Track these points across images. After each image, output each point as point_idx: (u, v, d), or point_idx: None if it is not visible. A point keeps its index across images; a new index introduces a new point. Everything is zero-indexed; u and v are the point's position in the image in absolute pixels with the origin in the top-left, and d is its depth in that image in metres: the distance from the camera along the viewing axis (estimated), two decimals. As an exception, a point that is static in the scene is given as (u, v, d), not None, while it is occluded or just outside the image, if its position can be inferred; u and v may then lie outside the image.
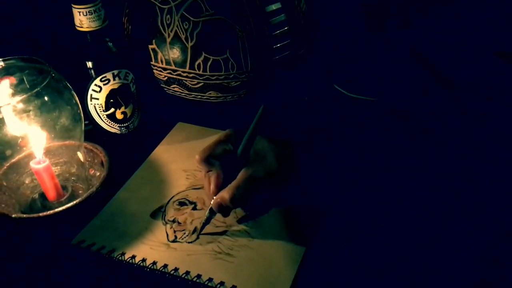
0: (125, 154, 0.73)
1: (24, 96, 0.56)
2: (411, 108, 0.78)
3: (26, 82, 0.62)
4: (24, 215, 0.61)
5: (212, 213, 0.61)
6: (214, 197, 0.60)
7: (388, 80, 0.86)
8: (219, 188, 0.60)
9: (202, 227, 0.62)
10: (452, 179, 0.66)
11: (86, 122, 0.71)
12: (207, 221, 0.62)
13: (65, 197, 0.67)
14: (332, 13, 0.92)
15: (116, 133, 0.75)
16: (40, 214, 0.60)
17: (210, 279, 0.56)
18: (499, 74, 0.85)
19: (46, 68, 0.60)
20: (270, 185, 0.61)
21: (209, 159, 0.61)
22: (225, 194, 0.59)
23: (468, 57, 0.89)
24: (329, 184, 0.66)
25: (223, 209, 0.60)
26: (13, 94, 0.62)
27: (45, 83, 0.56)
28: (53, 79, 0.59)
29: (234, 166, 0.60)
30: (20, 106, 0.59)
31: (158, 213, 0.65)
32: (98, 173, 0.69)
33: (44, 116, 0.62)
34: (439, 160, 0.69)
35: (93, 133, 0.74)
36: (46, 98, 0.59)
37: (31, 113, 0.61)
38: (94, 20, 0.66)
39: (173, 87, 0.78)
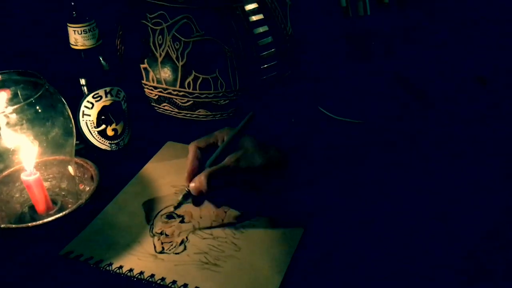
0: (114, 170, 0.74)
1: (19, 105, 0.58)
2: (393, 128, 0.81)
3: (20, 96, 0.64)
4: (13, 225, 0.61)
5: (185, 198, 0.65)
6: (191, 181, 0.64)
7: (371, 103, 0.89)
8: (191, 175, 0.65)
9: (173, 211, 0.66)
10: (433, 191, 0.68)
11: (77, 142, 0.73)
12: (178, 205, 0.65)
13: (54, 210, 0.67)
14: (317, 39, 0.96)
15: (107, 150, 0.77)
16: (29, 224, 0.61)
17: (197, 288, 0.57)
18: (477, 97, 0.89)
19: (41, 81, 0.62)
20: (248, 181, 0.64)
21: (196, 148, 0.66)
22: (201, 175, 0.63)
23: (449, 81, 0.93)
24: (314, 195, 0.68)
25: (198, 193, 0.64)
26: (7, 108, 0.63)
27: (39, 93, 0.58)
28: (47, 91, 0.61)
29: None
30: (14, 118, 0.61)
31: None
32: (88, 188, 0.70)
33: (37, 129, 0.63)
34: (419, 173, 0.72)
35: (83, 151, 0.76)
36: (39, 110, 0.61)
37: (24, 125, 0.62)
38: (88, 39, 0.69)
39: (163, 106, 0.80)
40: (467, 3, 1.03)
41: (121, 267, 0.60)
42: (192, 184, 0.64)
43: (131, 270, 0.59)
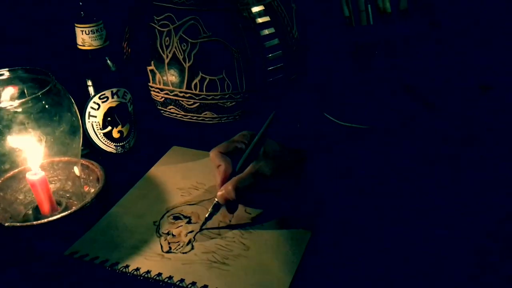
0: (120, 173, 0.74)
1: (25, 99, 0.57)
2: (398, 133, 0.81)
3: (26, 95, 0.64)
4: (18, 224, 0.60)
5: (215, 209, 0.63)
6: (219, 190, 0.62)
7: (376, 108, 0.89)
8: (224, 183, 0.62)
9: (204, 223, 0.63)
10: (440, 194, 0.68)
11: (82, 147, 0.72)
12: (210, 216, 0.63)
13: (58, 211, 0.66)
14: (321, 47, 0.96)
15: (112, 153, 0.76)
16: (34, 223, 0.60)
17: (205, 286, 0.55)
18: (480, 103, 0.89)
19: (48, 78, 0.62)
20: (274, 187, 0.63)
21: (221, 154, 0.63)
22: (228, 184, 0.61)
23: (452, 89, 0.93)
24: (322, 199, 0.67)
25: (229, 203, 0.62)
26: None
27: (46, 89, 0.58)
28: (54, 87, 0.60)
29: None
30: (20, 115, 0.60)
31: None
32: (93, 190, 0.69)
33: (43, 127, 0.63)
34: (426, 176, 0.71)
35: (89, 154, 0.75)
36: (46, 107, 0.61)
37: (30, 124, 0.62)
38: (95, 39, 0.69)
39: (170, 109, 0.80)
40: (469, 11, 1.04)
41: (127, 266, 0.58)
42: (219, 193, 0.62)
43: (137, 269, 0.58)
